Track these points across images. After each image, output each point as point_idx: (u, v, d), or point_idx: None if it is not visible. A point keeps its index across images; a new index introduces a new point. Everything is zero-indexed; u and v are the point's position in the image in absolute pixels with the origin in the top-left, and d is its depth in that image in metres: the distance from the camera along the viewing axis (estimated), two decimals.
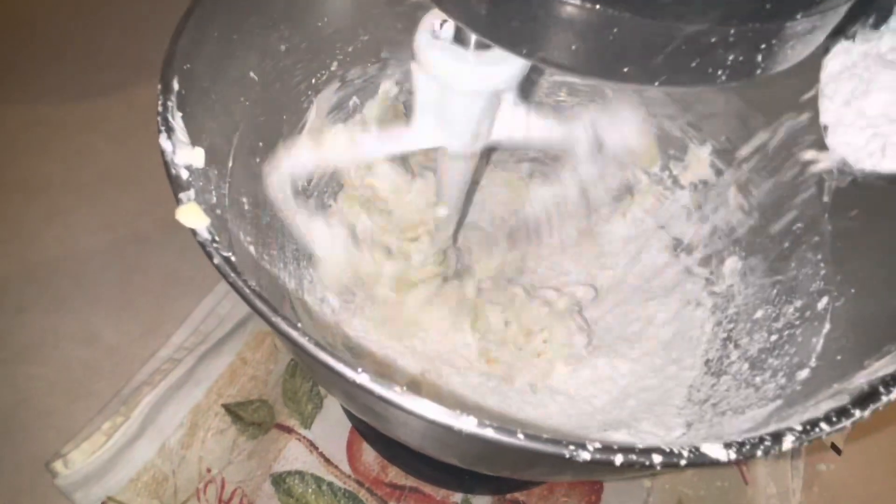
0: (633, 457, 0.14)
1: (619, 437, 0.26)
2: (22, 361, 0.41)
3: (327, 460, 0.38)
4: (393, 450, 0.38)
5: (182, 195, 0.17)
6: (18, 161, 0.50)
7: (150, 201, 0.49)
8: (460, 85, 0.23)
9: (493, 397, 0.34)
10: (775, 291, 0.30)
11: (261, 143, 0.29)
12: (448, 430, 0.14)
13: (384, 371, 0.33)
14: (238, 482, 0.37)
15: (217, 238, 0.16)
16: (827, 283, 0.26)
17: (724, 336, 0.32)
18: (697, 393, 0.30)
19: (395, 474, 0.38)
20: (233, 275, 0.16)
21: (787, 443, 0.15)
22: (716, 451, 0.14)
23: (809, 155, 0.27)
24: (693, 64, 0.13)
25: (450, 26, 0.22)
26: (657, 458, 0.14)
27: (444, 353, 0.36)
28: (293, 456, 0.38)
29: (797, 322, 0.27)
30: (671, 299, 0.35)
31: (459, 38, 0.22)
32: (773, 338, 0.28)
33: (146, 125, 0.52)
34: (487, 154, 0.42)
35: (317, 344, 0.15)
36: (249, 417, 0.39)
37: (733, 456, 0.14)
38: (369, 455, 0.39)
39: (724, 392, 0.28)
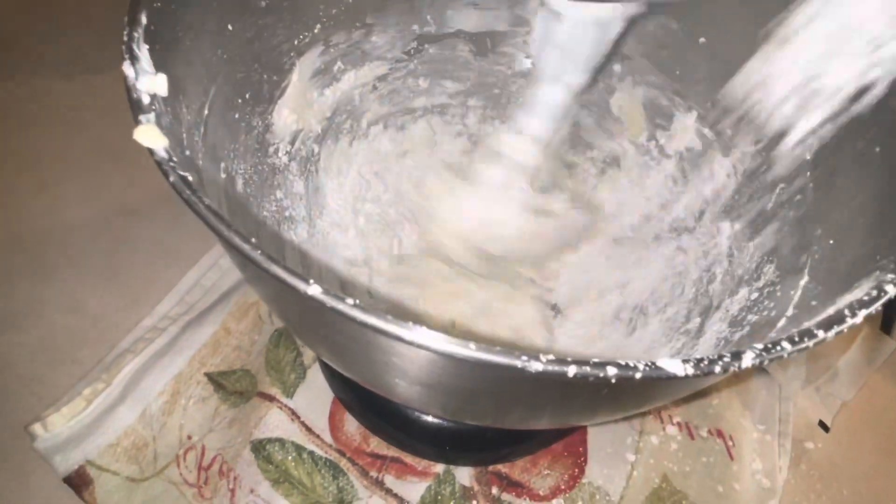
0: (587, 368, 0.14)
1: None
2: (5, 329, 0.41)
3: (309, 429, 0.38)
4: (375, 420, 0.38)
5: (142, 116, 0.17)
6: (9, 135, 0.50)
7: (140, 175, 0.49)
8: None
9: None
10: (758, 252, 0.29)
11: (239, 100, 0.29)
12: (399, 342, 0.14)
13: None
14: (218, 449, 0.37)
15: (175, 159, 0.16)
16: (807, 238, 0.26)
17: (706, 302, 0.32)
18: (677, 355, 0.30)
19: (376, 444, 0.38)
20: (187, 191, 0.15)
21: (747, 360, 0.14)
22: (673, 365, 0.14)
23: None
24: None
25: None
26: (612, 371, 0.14)
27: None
28: (274, 424, 0.37)
29: (777, 279, 0.27)
30: (654, 265, 0.35)
31: None
32: (754, 296, 0.27)
33: None
34: None
35: (269, 257, 0.15)
36: (232, 386, 0.39)
37: (690, 371, 0.14)
38: (351, 425, 0.38)
39: (702, 351, 0.28)
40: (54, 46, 0.57)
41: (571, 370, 0.14)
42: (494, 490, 0.37)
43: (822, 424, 0.41)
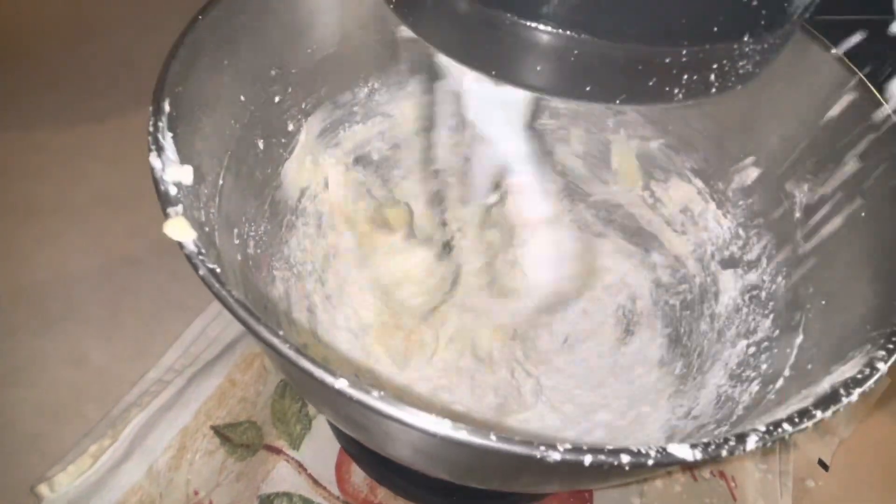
0: (602, 457, 0.14)
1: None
2: (8, 384, 0.41)
3: (316, 482, 0.38)
4: (382, 471, 0.38)
5: (170, 209, 0.18)
6: (10, 185, 0.51)
7: (142, 225, 0.49)
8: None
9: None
10: (752, 306, 0.30)
11: (250, 165, 0.30)
12: (424, 433, 0.15)
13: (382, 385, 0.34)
14: None
15: (203, 251, 0.17)
16: (799, 296, 0.27)
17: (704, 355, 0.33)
18: (680, 408, 0.31)
19: (384, 495, 0.38)
20: (217, 285, 0.16)
21: (751, 443, 0.15)
22: (682, 451, 0.15)
23: None
24: (650, 83, 0.14)
25: None
26: (625, 458, 0.15)
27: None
28: (281, 477, 0.37)
29: (774, 335, 0.27)
30: (655, 317, 0.36)
31: None
32: (752, 350, 0.28)
33: (138, 150, 0.53)
34: None
35: (297, 350, 0.15)
36: (238, 439, 0.39)
37: (699, 455, 0.15)
38: (358, 476, 0.39)
39: (703, 406, 0.29)
40: (54, 96, 0.57)
41: (587, 459, 0.15)
42: None
43: (822, 463, 0.42)
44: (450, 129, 0.34)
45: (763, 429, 0.15)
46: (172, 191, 0.19)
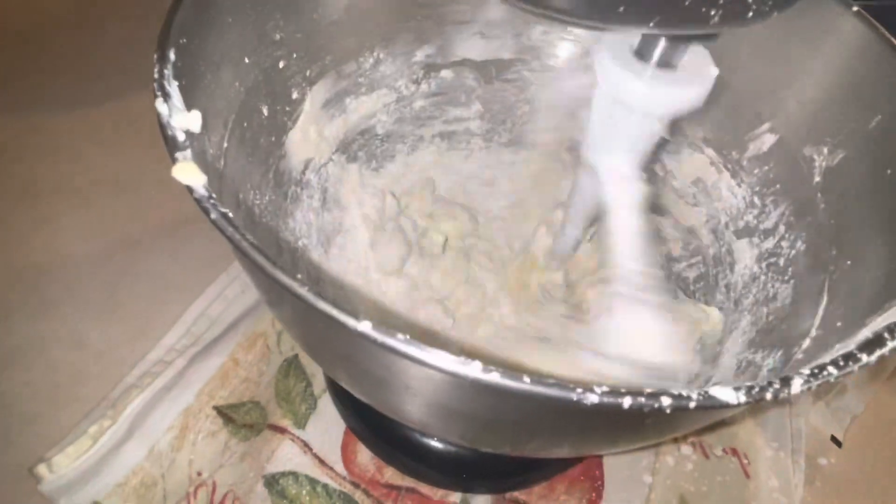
0: (642, 399, 0.14)
1: None
2: (6, 367, 0.40)
3: (321, 461, 0.37)
4: (389, 450, 0.37)
5: (178, 154, 0.17)
6: (9, 168, 0.50)
7: (141, 207, 0.49)
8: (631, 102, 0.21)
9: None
10: (770, 273, 0.30)
11: (254, 131, 0.29)
12: (453, 377, 0.14)
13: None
14: (230, 485, 0.36)
15: (214, 196, 0.16)
16: (821, 259, 0.26)
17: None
18: (697, 378, 0.30)
19: (391, 475, 0.37)
20: (230, 229, 0.15)
21: (797, 386, 0.14)
22: (725, 393, 0.14)
23: None
24: (686, 2, 0.14)
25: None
26: (666, 401, 0.14)
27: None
28: (286, 456, 0.37)
29: (795, 300, 0.27)
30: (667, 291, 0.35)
31: (640, 53, 0.21)
32: (772, 317, 0.28)
33: (138, 133, 0.53)
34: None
35: (316, 294, 0.15)
36: (241, 419, 0.38)
37: (743, 398, 0.14)
38: (364, 456, 0.38)
39: (723, 374, 0.28)
40: (52, 80, 0.56)
41: (626, 402, 0.14)
42: None
43: (835, 440, 0.41)
44: None
45: (808, 372, 0.15)
46: (180, 136, 0.18)
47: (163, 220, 0.49)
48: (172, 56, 0.20)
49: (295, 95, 0.32)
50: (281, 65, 0.30)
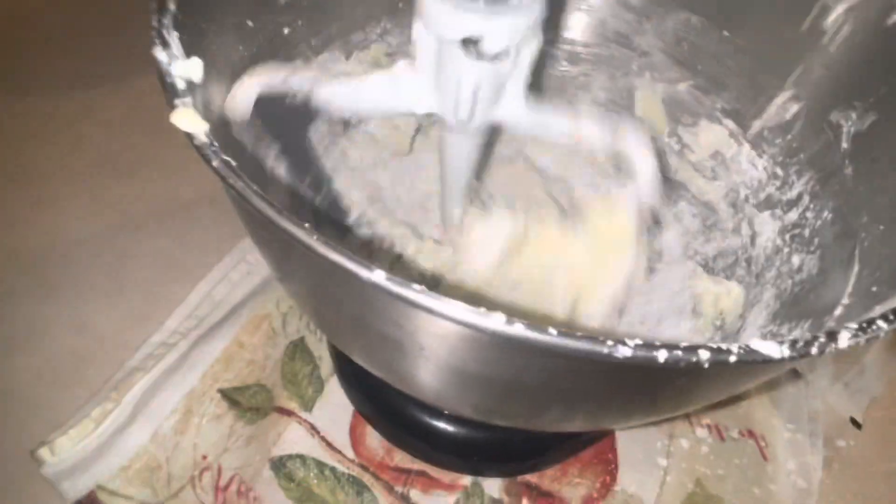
0: (679, 353, 0.13)
1: None
2: (8, 351, 0.39)
3: (329, 444, 0.36)
4: (398, 433, 0.36)
5: (177, 101, 0.16)
6: (9, 151, 0.49)
7: (143, 189, 0.48)
8: (451, 35, 0.21)
9: None
10: (794, 245, 0.29)
11: None
12: (474, 330, 0.13)
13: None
14: (236, 468, 0.35)
15: (216, 143, 0.15)
16: (850, 227, 0.25)
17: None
18: None
19: (400, 458, 0.36)
20: (233, 177, 0.14)
21: (844, 340, 0.13)
22: (768, 347, 0.13)
23: None
24: None
25: None
26: (704, 355, 0.13)
27: None
28: (293, 439, 0.36)
29: (823, 270, 0.26)
30: (685, 266, 0.34)
31: None
32: (797, 289, 0.27)
33: (138, 115, 0.52)
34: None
35: (326, 243, 0.14)
36: (247, 402, 0.38)
37: (787, 352, 0.13)
38: (373, 439, 0.37)
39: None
40: (53, 62, 0.56)
41: (662, 355, 0.13)
42: (525, 501, 0.35)
43: (854, 421, 0.40)
44: None
45: (856, 325, 0.14)
46: (180, 84, 0.17)
47: (166, 202, 0.48)
48: (172, 6, 0.19)
49: (300, 64, 0.31)
50: (285, 31, 0.29)
